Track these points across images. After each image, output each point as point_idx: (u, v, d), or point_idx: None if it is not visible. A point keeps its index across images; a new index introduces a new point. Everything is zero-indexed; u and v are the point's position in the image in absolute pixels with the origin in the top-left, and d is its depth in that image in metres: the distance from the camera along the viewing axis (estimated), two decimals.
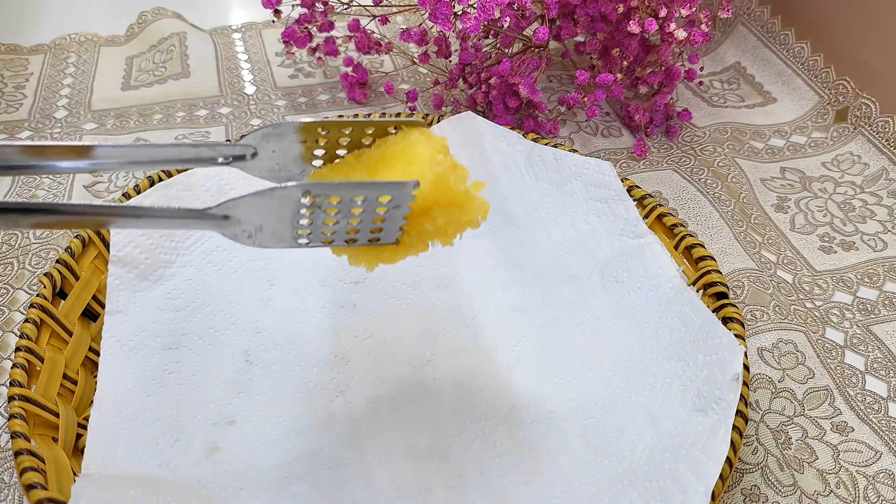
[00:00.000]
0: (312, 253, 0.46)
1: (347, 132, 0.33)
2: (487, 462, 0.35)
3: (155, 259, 0.43)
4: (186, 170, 0.47)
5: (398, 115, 0.33)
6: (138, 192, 0.44)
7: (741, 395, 0.33)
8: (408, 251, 0.33)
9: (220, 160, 0.31)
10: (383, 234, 0.32)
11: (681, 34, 0.52)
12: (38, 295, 0.38)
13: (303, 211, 0.29)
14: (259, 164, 0.33)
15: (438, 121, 0.52)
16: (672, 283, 0.41)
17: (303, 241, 0.31)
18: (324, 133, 0.32)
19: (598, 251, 0.44)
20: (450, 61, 0.61)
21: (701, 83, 0.67)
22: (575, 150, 0.49)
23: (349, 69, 0.64)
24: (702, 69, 0.67)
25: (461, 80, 0.61)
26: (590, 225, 0.46)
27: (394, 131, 0.33)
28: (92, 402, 0.36)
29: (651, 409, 0.36)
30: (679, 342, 0.38)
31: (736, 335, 0.36)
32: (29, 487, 0.29)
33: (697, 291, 0.41)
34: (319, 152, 0.33)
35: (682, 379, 0.37)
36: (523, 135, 0.50)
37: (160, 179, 0.46)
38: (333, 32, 0.63)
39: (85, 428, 0.35)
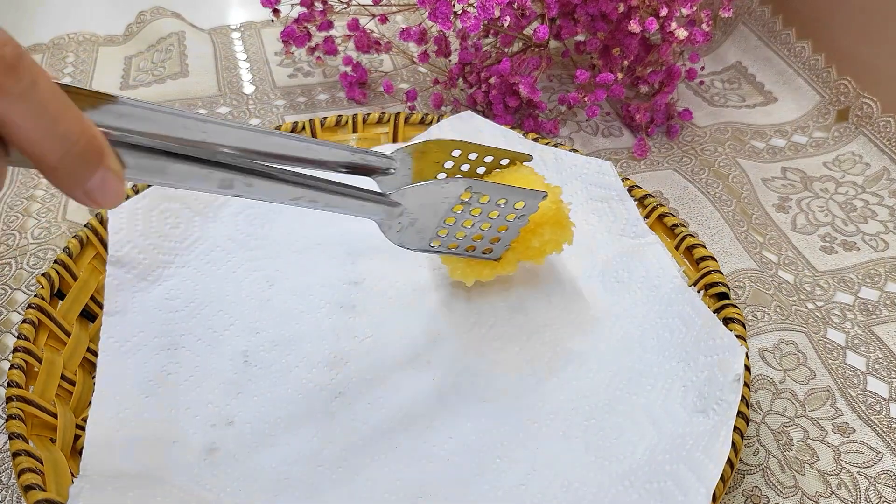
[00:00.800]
0: (312, 253, 0.46)
1: (472, 157, 0.39)
2: (488, 463, 0.35)
3: (153, 259, 0.43)
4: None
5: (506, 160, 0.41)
6: (137, 192, 0.44)
7: (742, 396, 0.33)
8: (503, 269, 0.40)
9: (366, 169, 0.35)
10: (496, 246, 0.38)
11: (682, 33, 0.52)
12: (36, 295, 0.37)
13: (454, 209, 0.34)
14: (392, 180, 0.36)
15: (438, 120, 0.52)
16: (673, 284, 0.41)
17: (434, 243, 0.36)
18: (456, 154, 0.38)
19: (599, 251, 0.44)
20: (449, 61, 0.61)
21: (702, 83, 0.67)
22: (575, 150, 0.49)
23: (348, 69, 0.64)
24: (703, 69, 0.67)
25: (461, 79, 0.60)
26: (590, 225, 0.45)
27: (505, 162, 0.40)
28: (90, 402, 0.36)
29: (652, 410, 0.36)
30: (680, 343, 0.38)
31: (737, 336, 0.36)
32: (27, 489, 0.29)
33: (698, 292, 0.40)
34: (441, 175, 0.38)
35: (683, 380, 0.37)
36: (523, 134, 0.50)
37: None
38: (332, 32, 0.63)
39: (83, 429, 0.35)
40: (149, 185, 0.45)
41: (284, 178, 0.28)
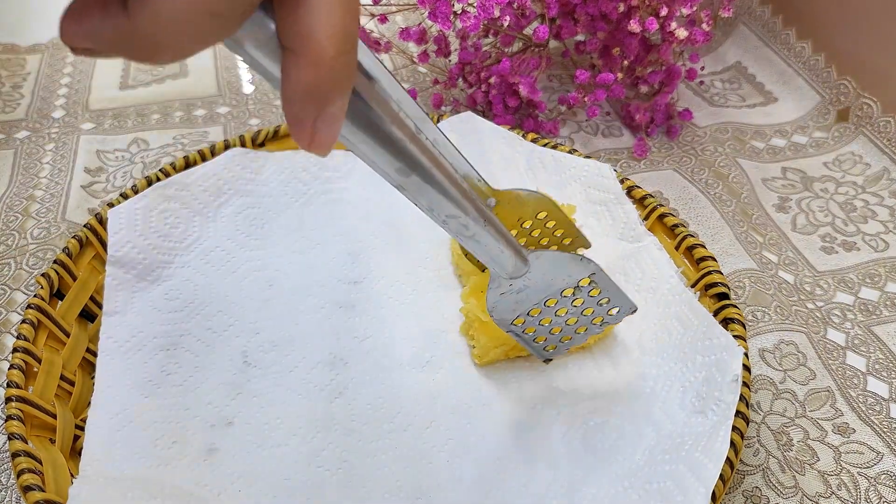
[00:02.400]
0: (312, 253, 0.46)
1: (551, 225, 0.38)
2: (487, 464, 0.35)
3: (153, 259, 0.43)
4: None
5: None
6: (136, 192, 0.44)
7: (742, 396, 0.33)
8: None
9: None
10: (559, 347, 0.37)
11: (682, 33, 0.52)
12: (35, 296, 0.37)
13: (564, 292, 0.33)
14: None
15: (438, 121, 0.52)
16: (670, 285, 0.41)
17: (517, 321, 0.34)
18: (543, 216, 0.37)
19: (597, 254, 0.44)
20: (449, 61, 0.61)
21: (702, 83, 0.67)
22: (575, 150, 0.49)
23: None
24: (703, 69, 0.67)
25: (461, 79, 0.60)
26: (589, 228, 0.45)
27: (568, 242, 0.39)
28: (90, 403, 0.36)
29: (651, 412, 0.36)
30: (678, 344, 0.38)
31: (737, 336, 0.36)
32: (26, 489, 0.29)
33: (698, 292, 0.40)
34: (513, 232, 0.37)
35: (682, 381, 0.37)
36: (523, 135, 0.50)
37: (157, 179, 0.45)
38: None
39: (83, 429, 0.35)
40: (149, 185, 0.45)
41: (452, 192, 0.26)
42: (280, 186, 0.49)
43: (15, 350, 0.35)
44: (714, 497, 0.30)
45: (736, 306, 0.38)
